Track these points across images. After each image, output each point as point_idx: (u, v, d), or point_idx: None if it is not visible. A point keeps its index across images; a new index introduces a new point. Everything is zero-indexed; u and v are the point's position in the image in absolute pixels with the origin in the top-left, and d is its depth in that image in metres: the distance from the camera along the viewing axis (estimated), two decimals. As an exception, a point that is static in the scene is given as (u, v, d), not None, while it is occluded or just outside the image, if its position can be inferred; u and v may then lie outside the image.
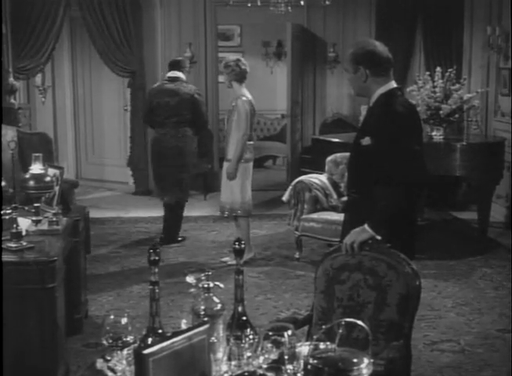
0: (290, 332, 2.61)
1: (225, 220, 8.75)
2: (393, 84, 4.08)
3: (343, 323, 2.64)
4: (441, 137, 8.49)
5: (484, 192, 8.47)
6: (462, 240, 8.76)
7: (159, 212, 9.95)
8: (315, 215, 7.74)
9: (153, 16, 11.11)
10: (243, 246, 2.94)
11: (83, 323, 5.77)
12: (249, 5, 8.86)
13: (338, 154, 8.22)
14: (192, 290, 2.88)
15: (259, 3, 8.63)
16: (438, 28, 10.51)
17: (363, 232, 3.82)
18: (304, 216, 7.77)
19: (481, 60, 10.01)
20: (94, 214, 8.04)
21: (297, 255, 7.87)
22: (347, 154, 8.31)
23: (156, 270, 2.74)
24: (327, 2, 8.74)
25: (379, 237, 3.81)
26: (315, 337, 2.72)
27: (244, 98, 7.38)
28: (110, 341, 2.73)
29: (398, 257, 3.66)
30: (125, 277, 7.27)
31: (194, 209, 10.09)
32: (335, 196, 7.96)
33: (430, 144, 8.20)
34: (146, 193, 11.22)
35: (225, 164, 7.54)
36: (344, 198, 7.71)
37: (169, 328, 2.99)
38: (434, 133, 8.50)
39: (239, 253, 2.93)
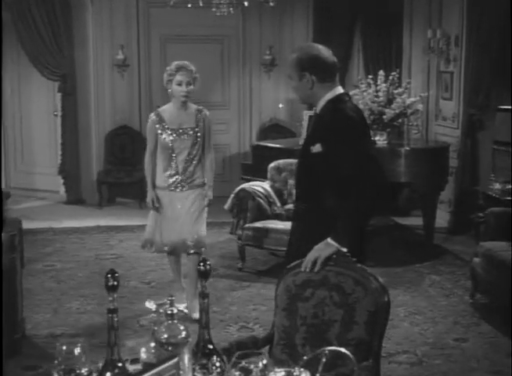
0: (264, 361, 2.39)
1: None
2: (340, 89, 3.92)
3: (326, 351, 2.40)
4: (385, 142, 8.32)
5: (429, 198, 8.32)
6: (407, 246, 8.64)
7: (93, 222, 9.62)
8: (258, 224, 7.50)
9: (84, 16, 10.74)
10: (208, 267, 2.76)
11: (22, 344, 5.43)
12: (189, 5, 8.53)
13: (281, 161, 8.04)
14: (152, 315, 2.63)
15: (201, 4, 8.31)
16: (377, 31, 10.39)
17: (327, 246, 3.60)
18: (247, 225, 7.52)
19: (422, 64, 9.93)
20: (25, 225, 7.65)
21: (240, 265, 7.63)
22: (291, 161, 8.09)
23: (115, 296, 2.49)
24: (271, 4, 8.47)
25: (345, 250, 3.59)
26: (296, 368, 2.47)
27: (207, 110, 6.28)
28: (62, 373, 2.46)
29: (365, 272, 3.52)
30: (62, 292, 6.90)
31: (131, 218, 9.71)
32: (279, 204, 7.78)
33: (374, 149, 8.04)
34: (78, 203, 10.84)
35: (194, 191, 6.13)
36: (288, 206, 7.53)
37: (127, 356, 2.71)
38: (377, 138, 8.30)
39: (204, 275, 2.75)
